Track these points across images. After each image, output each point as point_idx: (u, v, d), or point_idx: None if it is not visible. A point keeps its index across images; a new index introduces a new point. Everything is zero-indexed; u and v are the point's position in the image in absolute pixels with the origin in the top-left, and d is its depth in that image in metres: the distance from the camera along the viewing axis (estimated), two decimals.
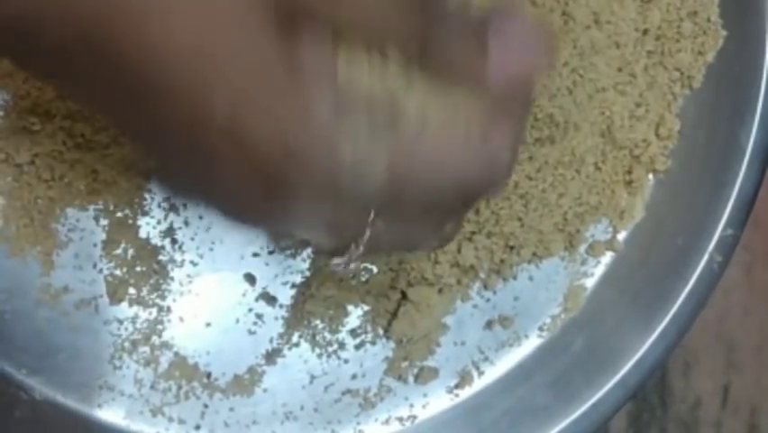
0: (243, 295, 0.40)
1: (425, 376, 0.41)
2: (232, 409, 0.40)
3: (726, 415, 0.47)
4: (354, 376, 0.41)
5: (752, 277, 0.48)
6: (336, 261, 0.29)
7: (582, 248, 0.43)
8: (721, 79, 0.42)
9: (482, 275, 0.42)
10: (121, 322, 0.39)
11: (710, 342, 0.47)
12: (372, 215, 0.27)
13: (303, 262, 0.40)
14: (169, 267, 0.39)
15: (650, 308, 0.42)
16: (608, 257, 0.43)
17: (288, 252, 0.40)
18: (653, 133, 0.43)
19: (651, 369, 0.41)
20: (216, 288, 0.40)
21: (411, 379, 0.41)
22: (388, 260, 0.40)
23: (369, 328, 0.41)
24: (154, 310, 0.39)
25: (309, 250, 0.40)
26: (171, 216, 0.39)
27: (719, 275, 0.41)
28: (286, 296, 0.40)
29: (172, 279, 0.39)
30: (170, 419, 0.39)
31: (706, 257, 0.41)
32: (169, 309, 0.39)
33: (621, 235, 0.43)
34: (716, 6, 0.41)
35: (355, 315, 0.41)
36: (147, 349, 0.39)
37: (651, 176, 0.43)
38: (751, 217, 0.42)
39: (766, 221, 0.47)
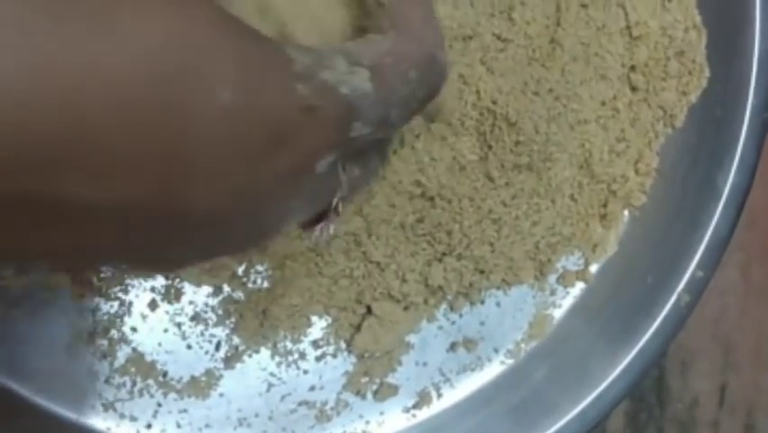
0: (208, 297, 0.40)
1: (384, 393, 0.41)
2: (185, 411, 0.39)
3: (723, 415, 0.47)
4: (312, 388, 0.41)
5: (748, 277, 0.47)
6: (317, 228, 0.30)
7: (552, 278, 0.43)
8: (703, 121, 0.42)
9: (449, 297, 0.42)
10: (81, 312, 0.38)
11: (707, 342, 0.47)
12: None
13: (270, 270, 0.40)
14: None
15: (615, 343, 0.41)
16: (577, 289, 0.43)
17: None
18: (631, 169, 0.43)
19: (611, 403, 0.41)
20: (181, 287, 0.39)
21: (369, 395, 0.41)
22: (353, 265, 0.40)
23: (331, 341, 0.41)
24: (116, 304, 0.39)
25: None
26: None
27: (686, 316, 0.41)
28: (250, 301, 0.40)
29: (137, 275, 0.39)
30: (122, 416, 0.39)
31: (674, 297, 0.41)
32: (131, 304, 0.39)
33: (592, 268, 0.43)
34: (702, 48, 0.41)
35: (318, 326, 0.41)
36: (105, 342, 0.39)
37: (626, 212, 0.43)
38: (747, 218, 0.42)
39: (762, 221, 0.47)
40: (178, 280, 0.39)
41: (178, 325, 0.39)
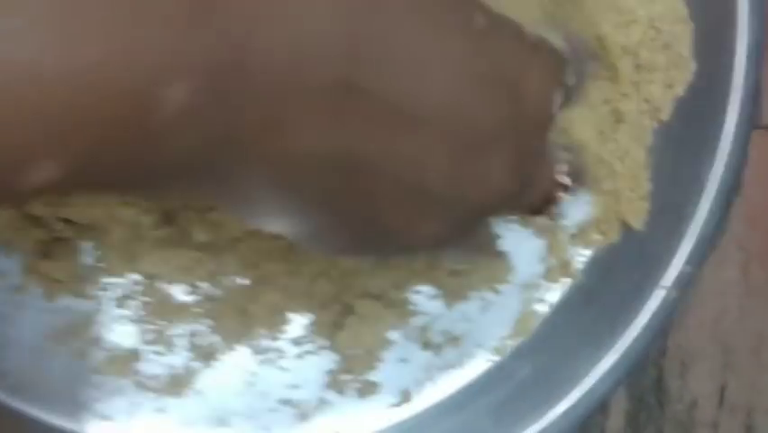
0: (185, 294, 0.39)
1: (366, 391, 0.40)
2: (162, 410, 0.39)
3: (722, 416, 0.47)
4: (293, 386, 0.40)
5: (748, 277, 0.47)
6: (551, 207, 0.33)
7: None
8: (689, 115, 0.41)
9: (433, 293, 0.41)
10: (54, 312, 0.38)
11: (707, 343, 0.46)
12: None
13: (245, 269, 0.39)
14: None
15: (601, 341, 0.41)
16: (563, 285, 0.42)
17: None
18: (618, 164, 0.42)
19: (597, 402, 0.40)
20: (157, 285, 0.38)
21: (351, 393, 0.40)
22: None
23: (312, 338, 0.40)
24: (90, 303, 0.38)
25: None
26: None
27: (673, 312, 0.40)
28: (229, 299, 0.39)
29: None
30: (98, 416, 0.38)
31: (662, 293, 0.40)
32: (105, 303, 0.38)
33: (579, 264, 0.42)
34: (689, 41, 0.41)
35: (299, 323, 0.40)
36: (79, 342, 0.38)
37: None
38: (747, 217, 0.41)
39: (762, 221, 0.46)
40: (153, 277, 0.38)
41: (154, 323, 0.38)
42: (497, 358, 0.41)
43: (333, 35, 0.23)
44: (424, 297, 0.41)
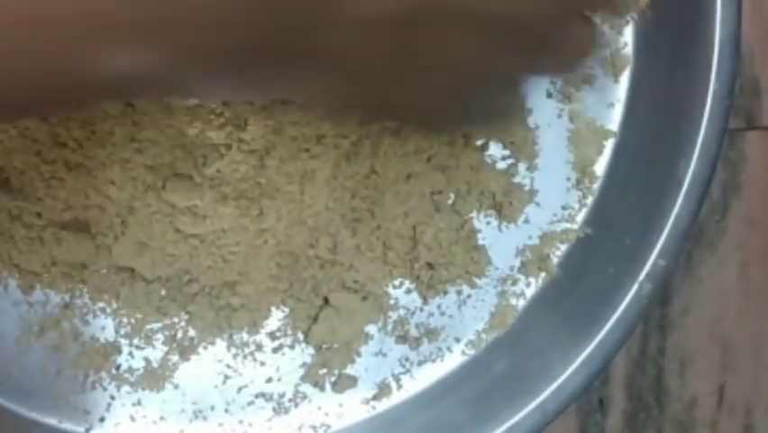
0: (162, 287, 0.39)
1: (343, 384, 0.40)
2: (139, 404, 0.39)
3: (721, 415, 0.47)
4: (270, 380, 0.40)
5: (747, 277, 0.47)
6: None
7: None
8: (665, 108, 0.41)
9: (410, 286, 0.41)
10: (31, 305, 0.38)
11: (706, 342, 0.47)
12: None
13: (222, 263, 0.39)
14: None
15: (576, 334, 0.41)
16: (539, 279, 0.42)
17: None
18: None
19: (572, 395, 0.40)
20: (133, 279, 0.39)
21: (328, 386, 0.40)
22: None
23: (288, 332, 0.40)
24: (66, 296, 0.38)
25: None
26: None
27: (648, 306, 0.41)
28: (205, 292, 0.39)
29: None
30: (74, 409, 0.38)
31: (635, 287, 0.40)
32: (81, 296, 0.38)
33: (555, 258, 0.42)
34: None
35: (275, 317, 0.40)
36: (55, 334, 0.38)
37: (589, 199, 0.42)
38: (747, 218, 0.41)
39: (761, 221, 0.46)
40: (131, 270, 0.38)
41: (132, 316, 0.39)
42: (473, 352, 0.42)
43: None
44: (401, 291, 0.41)
